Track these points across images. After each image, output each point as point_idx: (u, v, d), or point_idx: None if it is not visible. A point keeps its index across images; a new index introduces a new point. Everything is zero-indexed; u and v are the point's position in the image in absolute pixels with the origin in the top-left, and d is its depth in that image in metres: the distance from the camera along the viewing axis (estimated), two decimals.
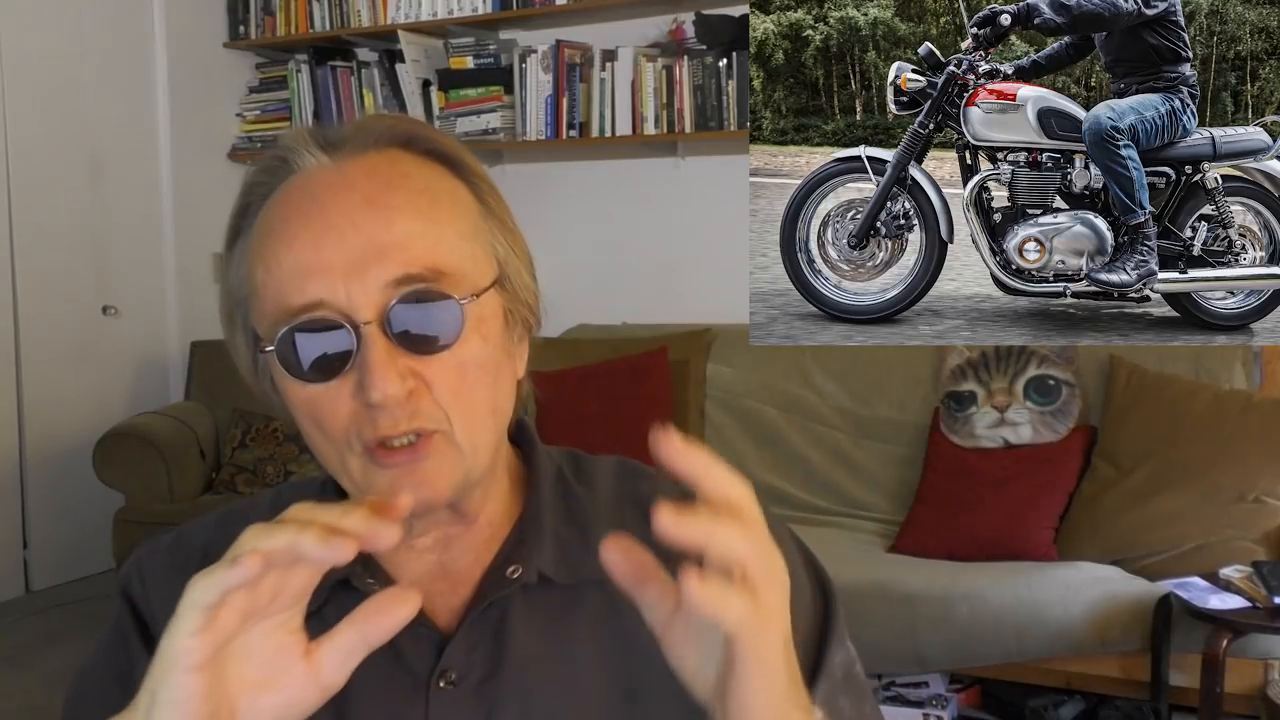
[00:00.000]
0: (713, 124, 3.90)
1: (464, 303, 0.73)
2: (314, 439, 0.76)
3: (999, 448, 3.24)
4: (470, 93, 4.28)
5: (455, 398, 0.74)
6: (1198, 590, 2.60)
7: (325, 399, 0.73)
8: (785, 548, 0.84)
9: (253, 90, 4.89)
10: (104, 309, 4.56)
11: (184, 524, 0.89)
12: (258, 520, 0.61)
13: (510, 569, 0.79)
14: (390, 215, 0.73)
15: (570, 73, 4.13)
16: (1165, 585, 2.67)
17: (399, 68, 4.42)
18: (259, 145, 4.75)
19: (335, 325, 0.72)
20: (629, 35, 4.10)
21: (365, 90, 4.60)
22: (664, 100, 3.98)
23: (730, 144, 3.86)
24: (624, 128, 4.05)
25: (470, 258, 0.75)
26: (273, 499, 0.88)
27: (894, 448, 3.52)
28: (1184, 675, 2.61)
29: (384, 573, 0.80)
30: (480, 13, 4.24)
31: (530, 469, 0.85)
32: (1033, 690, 2.91)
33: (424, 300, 0.72)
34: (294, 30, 4.66)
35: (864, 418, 3.59)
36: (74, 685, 0.86)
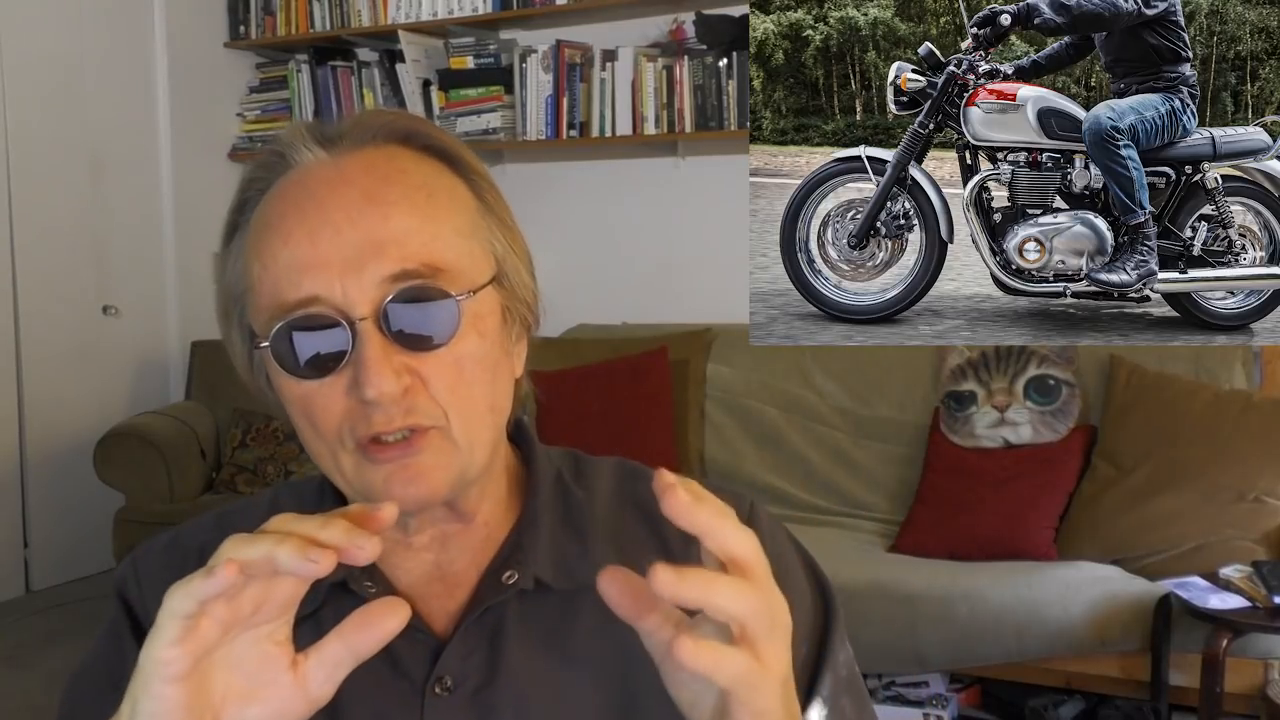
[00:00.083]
0: (713, 124, 3.89)
1: (460, 299, 0.73)
2: (307, 435, 0.75)
3: (999, 447, 3.24)
4: (470, 93, 4.28)
5: (452, 394, 0.73)
6: (1198, 590, 2.60)
7: (320, 395, 0.72)
8: (784, 551, 0.84)
9: (253, 90, 4.89)
10: (104, 309, 4.56)
11: (181, 524, 0.88)
12: (255, 520, 0.61)
13: (507, 574, 0.78)
14: (387, 211, 0.72)
15: (570, 72, 4.13)
16: (1165, 585, 2.67)
17: (399, 68, 4.42)
18: (259, 145, 4.73)
19: (331, 322, 0.71)
20: (629, 35, 4.10)
21: (365, 90, 4.59)
22: (664, 100, 3.97)
23: (730, 144, 3.85)
24: (624, 128, 4.05)
25: (467, 254, 0.75)
26: (271, 499, 0.87)
27: (894, 448, 3.51)
28: (1184, 675, 2.61)
29: (381, 574, 0.79)
30: (480, 13, 4.24)
31: (529, 470, 0.84)
32: (1033, 690, 2.91)
33: (420, 297, 0.71)
34: (294, 30, 4.66)
35: (864, 418, 3.59)
36: (69, 686, 0.85)
